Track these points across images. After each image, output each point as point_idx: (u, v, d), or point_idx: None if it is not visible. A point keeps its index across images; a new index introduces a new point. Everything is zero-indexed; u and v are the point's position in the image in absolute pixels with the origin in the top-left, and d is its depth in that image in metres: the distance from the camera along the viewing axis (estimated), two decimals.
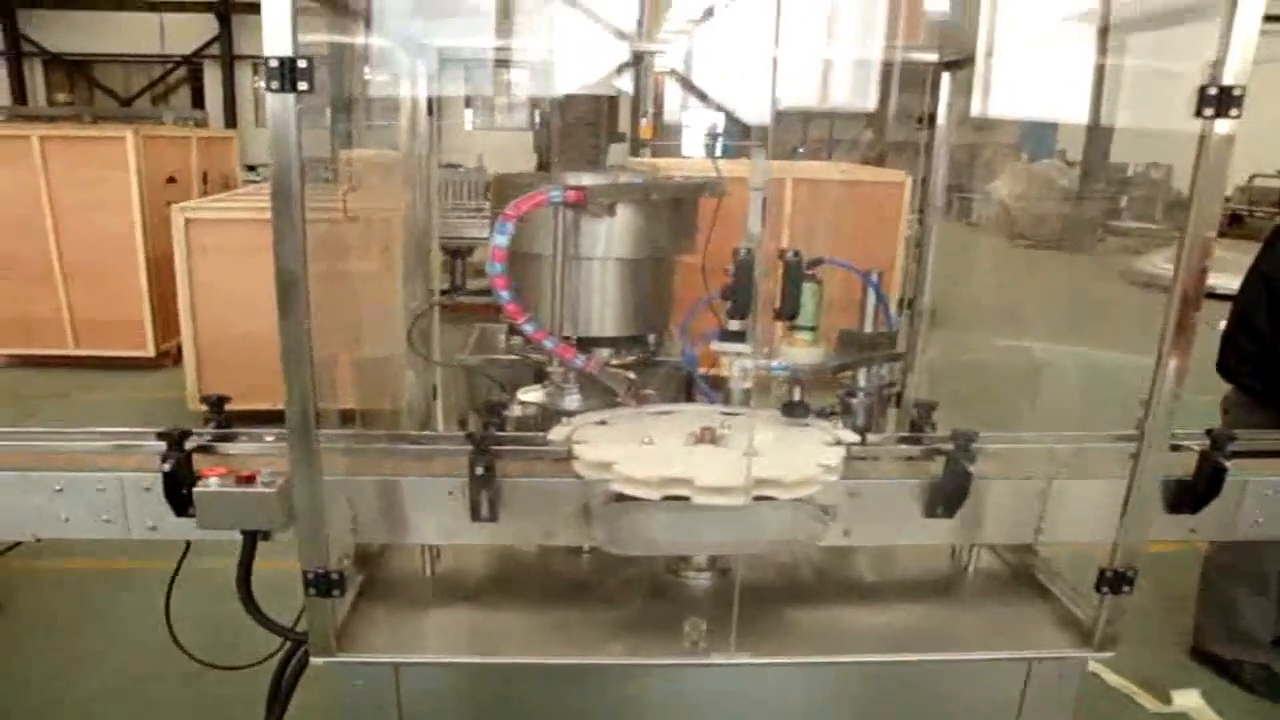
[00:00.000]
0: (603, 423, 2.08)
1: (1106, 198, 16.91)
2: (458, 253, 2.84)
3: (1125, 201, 17.04)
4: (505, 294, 1.89)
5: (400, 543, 2.11)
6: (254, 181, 11.08)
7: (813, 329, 2.04)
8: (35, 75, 24.33)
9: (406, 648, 1.90)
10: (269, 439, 2.03)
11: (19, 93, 23.44)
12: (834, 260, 2.11)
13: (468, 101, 5.57)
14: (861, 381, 2.18)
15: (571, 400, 2.24)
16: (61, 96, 24.41)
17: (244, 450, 2.01)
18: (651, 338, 2.32)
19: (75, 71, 24.63)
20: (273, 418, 1.81)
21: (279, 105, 1.49)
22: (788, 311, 2.01)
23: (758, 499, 1.77)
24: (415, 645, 1.92)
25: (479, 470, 1.81)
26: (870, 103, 2.89)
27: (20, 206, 7.31)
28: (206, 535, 1.84)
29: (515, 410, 2.20)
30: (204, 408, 2.11)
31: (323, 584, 1.73)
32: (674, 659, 1.87)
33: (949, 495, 1.94)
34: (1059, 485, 1.97)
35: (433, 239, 2.76)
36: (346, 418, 2.09)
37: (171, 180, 8.26)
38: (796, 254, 2.01)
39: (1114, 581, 1.86)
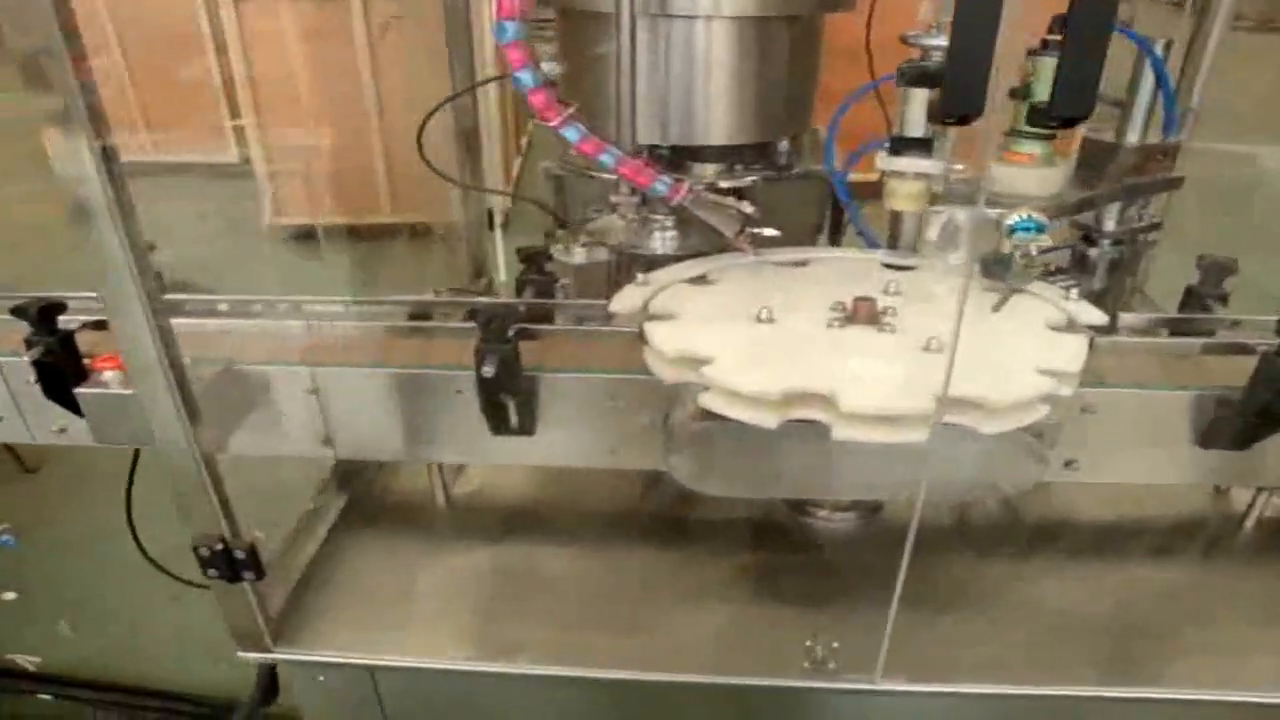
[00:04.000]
0: (699, 281, 1.37)
1: None
2: None
3: None
4: (526, 75, 1.16)
5: (391, 461, 1.51)
6: None
7: (1047, 136, 1.24)
8: None
9: (382, 642, 1.30)
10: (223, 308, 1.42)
11: None
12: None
13: None
14: (1110, 224, 1.38)
15: (661, 240, 1.53)
16: None
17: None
18: (782, 147, 1.56)
19: None
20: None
21: None
22: (1080, 109, 1.19)
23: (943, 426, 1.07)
24: (396, 637, 1.31)
25: (487, 366, 1.16)
26: None
27: None
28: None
29: (577, 257, 1.50)
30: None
31: (222, 564, 1.14)
32: (782, 680, 1.23)
33: (1255, 418, 1.18)
34: None
35: None
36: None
37: None
38: None
39: None
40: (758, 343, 1.17)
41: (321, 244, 4.70)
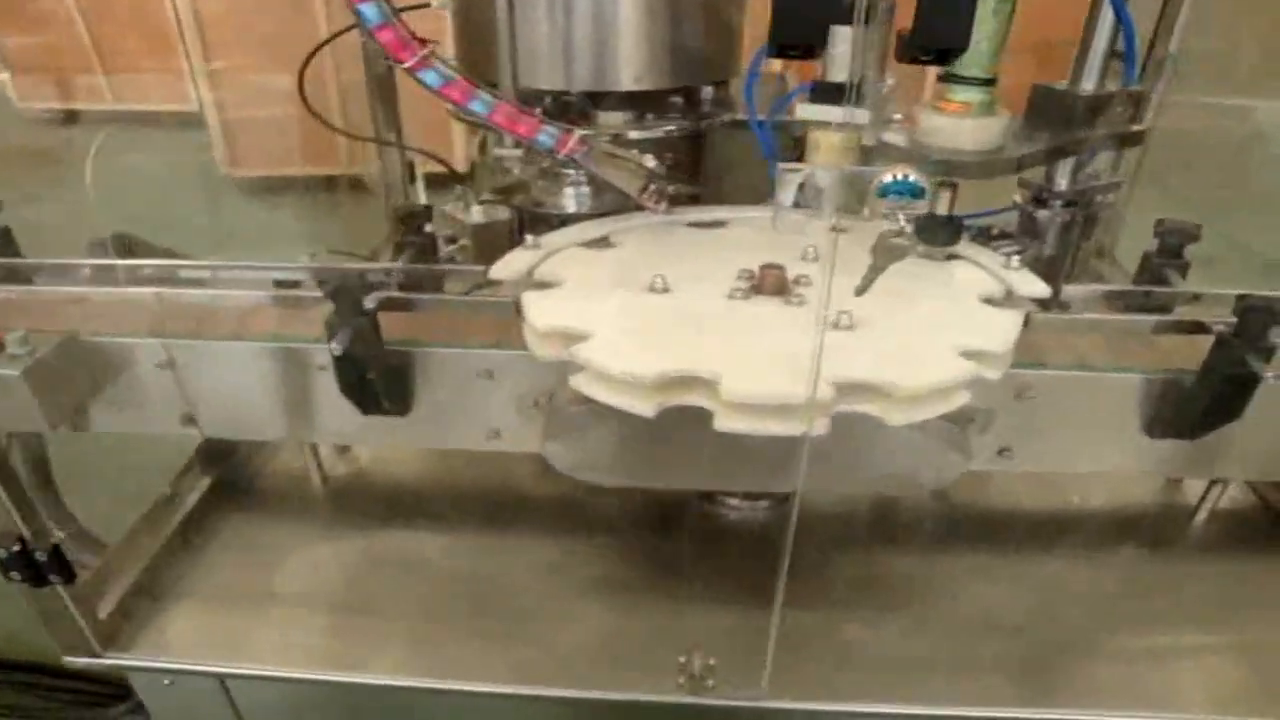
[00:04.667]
0: (600, 244, 1.23)
1: None
2: None
3: None
4: (370, 8, 0.98)
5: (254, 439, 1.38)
6: None
7: (987, 82, 1.08)
8: None
9: (233, 646, 1.17)
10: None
11: None
12: None
13: None
14: (1062, 183, 1.23)
15: (574, 198, 1.38)
16: None
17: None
18: (706, 93, 1.40)
19: None
20: None
21: None
22: (950, 39, 1.05)
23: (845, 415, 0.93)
24: (249, 640, 1.18)
25: (335, 343, 1.01)
26: None
27: None
28: None
29: (475, 216, 1.35)
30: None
31: (21, 566, 1.00)
32: (657, 696, 1.09)
33: (1211, 405, 1.04)
34: None
35: None
36: None
37: None
38: None
39: None
40: (644, 317, 1.03)
41: (278, 197, 4.52)
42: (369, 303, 1.08)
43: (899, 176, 0.94)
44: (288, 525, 1.32)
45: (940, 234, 1.15)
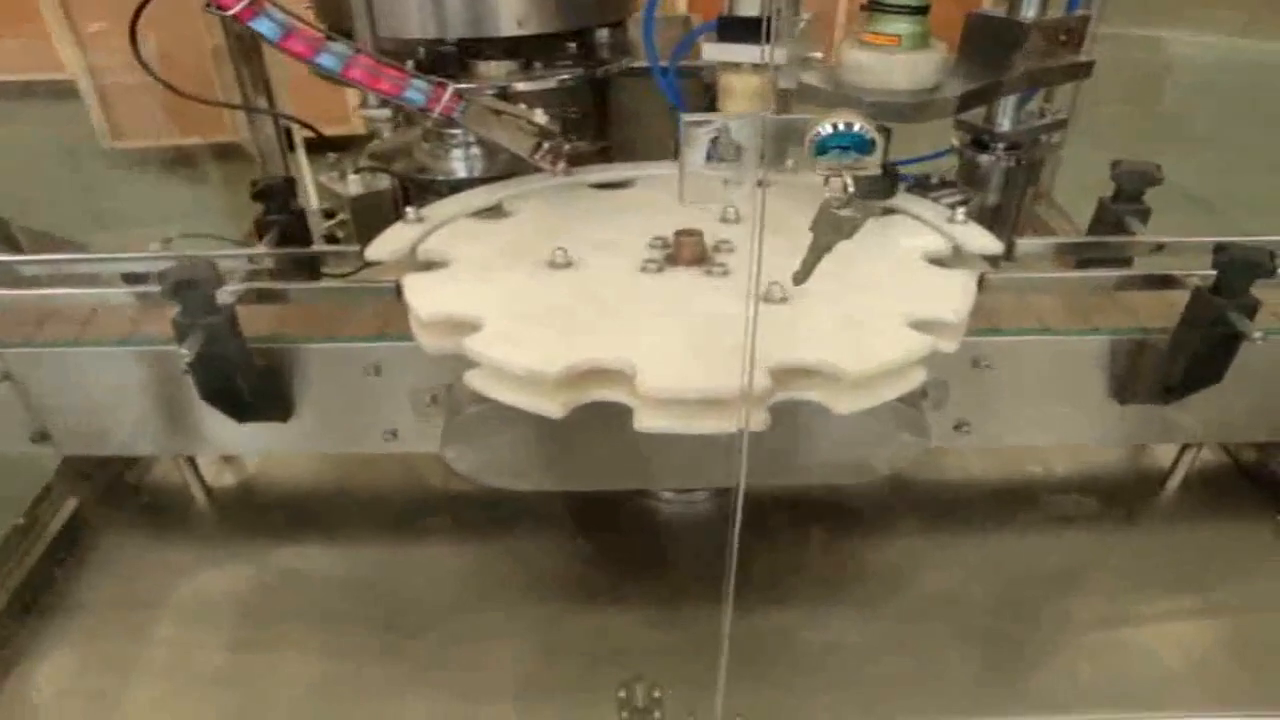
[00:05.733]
0: (493, 213, 1.07)
1: None
2: None
3: None
4: None
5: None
6: None
7: (919, 10, 0.94)
8: None
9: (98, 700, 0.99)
10: None
11: None
12: None
13: None
14: (1005, 123, 1.10)
15: (464, 162, 1.22)
16: None
17: None
18: (601, 37, 1.24)
19: None
20: None
21: None
22: None
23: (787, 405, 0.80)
24: (116, 693, 0.99)
25: (187, 347, 0.85)
26: None
27: None
28: None
29: (352, 187, 1.18)
30: None
31: None
32: None
33: (1191, 366, 0.94)
34: None
35: None
36: None
37: None
38: None
39: None
40: (544, 298, 0.88)
41: (163, 169, 4.22)
42: (225, 297, 0.92)
43: (841, 127, 0.78)
44: (167, 548, 1.15)
45: (874, 186, 1.02)
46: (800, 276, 0.79)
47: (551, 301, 0.87)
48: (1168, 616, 1.05)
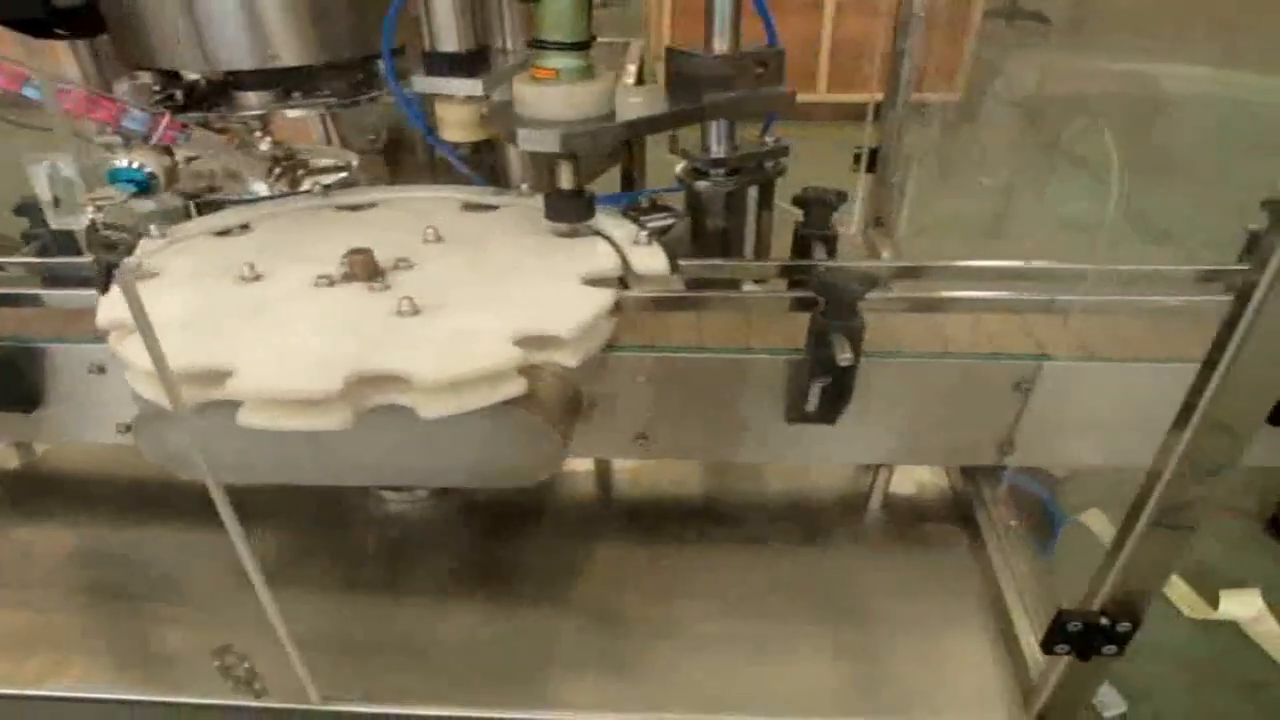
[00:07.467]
0: (241, 230, 1.17)
1: None
2: None
3: None
4: None
5: None
6: None
7: (577, 46, 1.00)
8: None
9: None
10: None
11: None
12: None
13: None
14: (718, 149, 1.16)
15: (263, 183, 1.33)
16: None
17: None
18: (376, 66, 1.33)
19: None
20: None
21: None
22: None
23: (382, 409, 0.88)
24: None
25: None
26: None
27: None
28: None
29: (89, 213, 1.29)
30: None
31: None
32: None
33: (827, 388, 0.98)
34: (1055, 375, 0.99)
35: None
36: None
37: None
38: None
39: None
40: (206, 307, 0.97)
41: None
42: None
43: (132, 164, 0.89)
44: None
45: (568, 209, 1.09)
46: None
47: (210, 310, 0.96)
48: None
